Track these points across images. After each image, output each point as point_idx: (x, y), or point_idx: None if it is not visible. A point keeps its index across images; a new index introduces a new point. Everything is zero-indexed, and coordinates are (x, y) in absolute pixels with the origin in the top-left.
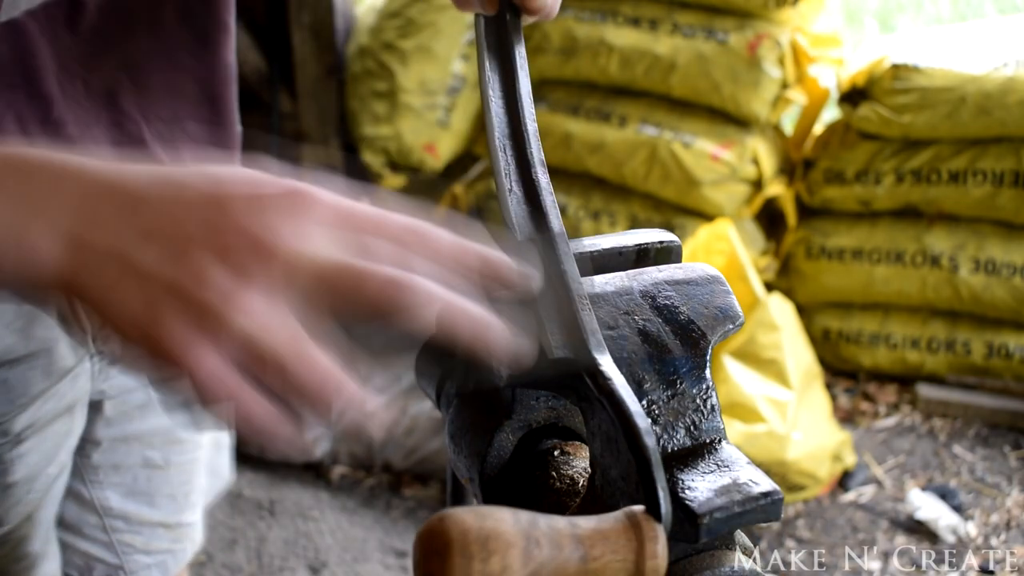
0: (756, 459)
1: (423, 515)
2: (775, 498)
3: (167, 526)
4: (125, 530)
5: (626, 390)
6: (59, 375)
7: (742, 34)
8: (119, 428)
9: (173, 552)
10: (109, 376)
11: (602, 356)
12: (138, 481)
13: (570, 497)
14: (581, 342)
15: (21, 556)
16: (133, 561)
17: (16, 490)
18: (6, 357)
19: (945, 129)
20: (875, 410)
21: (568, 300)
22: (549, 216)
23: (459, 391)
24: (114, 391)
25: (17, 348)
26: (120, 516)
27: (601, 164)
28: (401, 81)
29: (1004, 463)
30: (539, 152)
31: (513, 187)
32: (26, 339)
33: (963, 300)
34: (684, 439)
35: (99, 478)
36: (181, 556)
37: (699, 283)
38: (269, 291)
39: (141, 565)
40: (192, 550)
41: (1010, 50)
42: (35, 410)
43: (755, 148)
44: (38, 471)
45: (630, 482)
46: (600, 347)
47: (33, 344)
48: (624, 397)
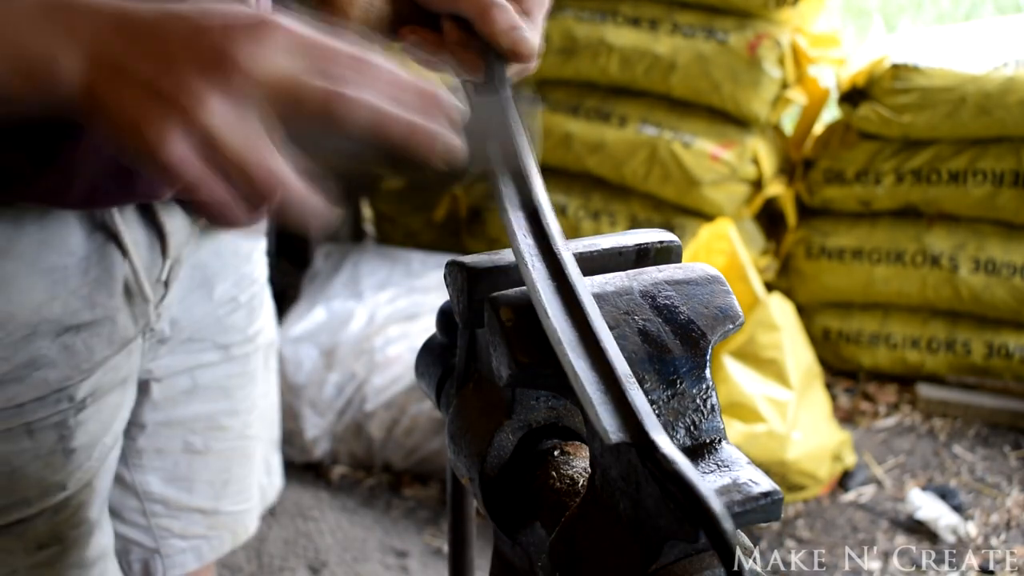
0: (756, 459)
1: (423, 515)
2: (775, 498)
3: (204, 512)
4: (163, 514)
5: (692, 471)
6: (120, 344)
7: (742, 34)
8: (164, 413)
9: (208, 539)
10: (158, 355)
11: (660, 437)
12: (179, 466)
13: (570, 497)
14: (637, 425)
15: (80, 522)
16: (169, 545)
17: (77, 455)
18: (73, 322)
19: (945, 129)
20: (875, 410)
21: (615, 378)
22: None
23: (405, 187)
24: (160, 372)
25: (83, 314)
26: (160, 501)
27: (601, 164)
28: None
29: (1004, 463)
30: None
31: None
32: (91, 306)
33: (963, 300)
34: (684, 439)
35: (142, 462)
36: (217, 544)
37: (699, 283)
38: (234, 98)
39: (176, 549)
40: (232, 541)
41: (1010, 50)
42: (97, 378)
43: (755, 148)
44: (97, 438)
45: (630, 482)
46: (656, 428)
47: (98, 311)
48: (694, 480)
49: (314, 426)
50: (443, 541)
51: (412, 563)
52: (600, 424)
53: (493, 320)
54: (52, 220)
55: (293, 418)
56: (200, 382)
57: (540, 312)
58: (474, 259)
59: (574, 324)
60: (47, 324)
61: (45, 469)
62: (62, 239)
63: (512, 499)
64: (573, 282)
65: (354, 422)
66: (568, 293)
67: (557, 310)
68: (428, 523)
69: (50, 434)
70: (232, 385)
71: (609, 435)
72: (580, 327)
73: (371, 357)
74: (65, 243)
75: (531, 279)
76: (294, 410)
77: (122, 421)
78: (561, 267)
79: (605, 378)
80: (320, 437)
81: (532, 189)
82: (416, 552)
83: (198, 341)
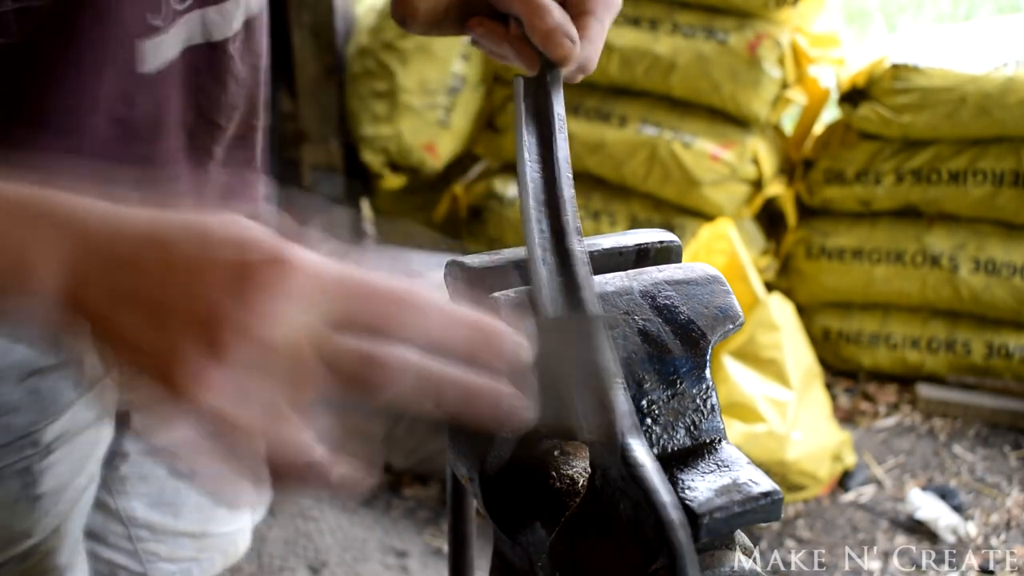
0: (756, 459)
1: (423, 515)
2: (775, 498)
3: (192, 535)
4: (150, 539)
5: (659, 477)
6: (89, 385)
7: (742, 34)
8: (146, 441)
9: (199, 561)
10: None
11: (633, 440)
12: (164, 492)
13: (570, 497)
14: (611, 426)
15: (48, 569)
16: (157, 569)
17: (44, 502)
18: (37, 366)
19: (945, 129)
20: (875, 410)
21: (601, 381)
22: (584, 292)
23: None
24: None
25: (47, 357)
26: (145, 526)
27: (601, 164)
28: (401, 81)
29: (1004, 463)
30: (575, 220)
31: (547, 257)
32: (56, 348)
33: (963, 300)
34: (684, 439)
35: (126, 489)
36: (208, 565)
37: (699, 283)
38: (241, 368)
39: (165, 573)
40: (223, 561)
41: (1010, 50)
42: (66, 421)
43: (755, 148)
44: (67, 482)
45: (630, 483)
46: (632, 431)
47: (63, 353)
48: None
49: None
50: (443, 541)
51: (412, 563)
52: (578, 421)
53: None
54: None
55: None
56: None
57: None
58: (474, 259)
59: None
60: (11, 369)
61: (10, 518)
62: None
63: (512, 499)
64: (580, 281)
65: None
66: (573, 292)
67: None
68: (428, 523)
69: (14, 481)
70: None
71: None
72: None
73: None
74: None
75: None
76: None
77: (97, 460)
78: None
79: (592, 385)
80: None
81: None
82: (416, 552)
83: None
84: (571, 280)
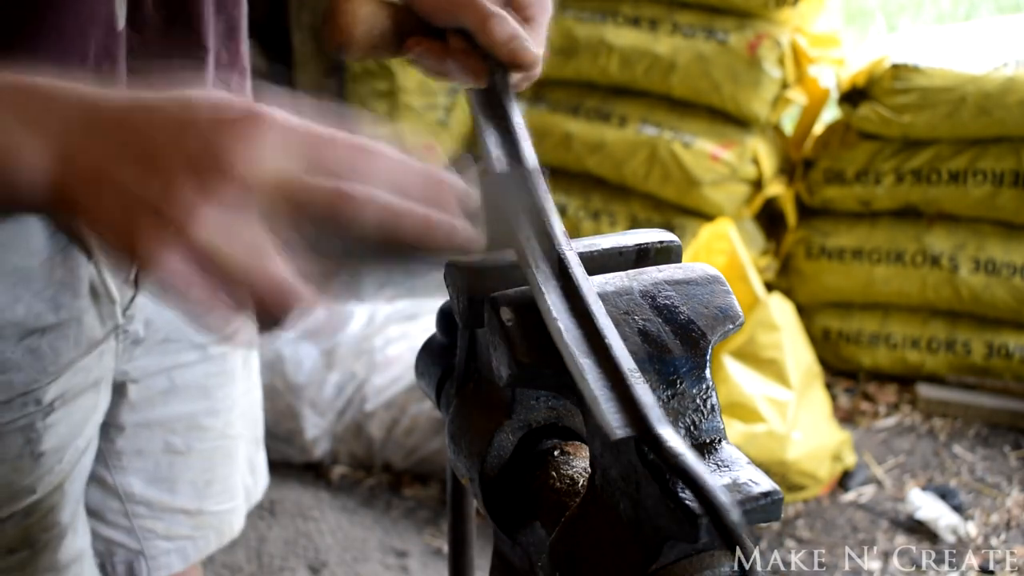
0: (756, 459)
1: (423, 515)
2: (775, 498)
3: (187, 512)
4: (146, 516)
5: (699, 465)
6: (88, 346)
7: (742, 34)
8: (142, 414)
9: (193, 539)
10: (133, 357)
11: (665, 430)
12: (160, 467)
13: (570, 497)
14: (642, 420)
15: (51, 525)
16: (153, 546)
17: (46, 459)
18: (37, 325)
19: (945, 129)
20: (875, 410)
21: (620, 374)
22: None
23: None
24: (137, 373)
25: (47, 317)
26: (142, 502)
27: (601, 164)
28: (401, 81)
29: (1004, 463)
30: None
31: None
32: (56, 308)
33: (963, 300)
34: (684, 439)
35: (122, 464)
36: (202, 544)
37: (699, 283)
38: (228, 205)
39: (161, 550)
40: (217, 541)
41: (1010, 50)
42: (65, 381)
43: (755, 148)
44: (67, 442)
45: (630, 482)
46: (662, 422)
47: (63, 313)
48: (701, 474)
49: (314, 426)
50: (443, 541)
51: (412, 563)
52: (605, 420)
53: (493, 320)
54: (13, 222)
55: (293, 418)
56: (178, 382)
57: (544, 310)
58: (474, 259)
59: (578, 322)
60: (11, 327)
61: (13, 473)
62: (24, 241)
63: (512, 499)
64: (578, 281)
65: (354, 422)
66: (572, 291)
67: (561, 308)
68: (428, 523)
69: (17, 438)
70: (211, 384)
71: (615, 431)
72: (584, 325)
73: (371, 357)
74: (27, 245)
75: (535, 279)
76: (294, 410)
77: (95, 424)
78: (565, 267)
79: (610, 375)
80: (320, 437)
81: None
82: (416, 552)
83: (174, 341)
84: (514, 148)
